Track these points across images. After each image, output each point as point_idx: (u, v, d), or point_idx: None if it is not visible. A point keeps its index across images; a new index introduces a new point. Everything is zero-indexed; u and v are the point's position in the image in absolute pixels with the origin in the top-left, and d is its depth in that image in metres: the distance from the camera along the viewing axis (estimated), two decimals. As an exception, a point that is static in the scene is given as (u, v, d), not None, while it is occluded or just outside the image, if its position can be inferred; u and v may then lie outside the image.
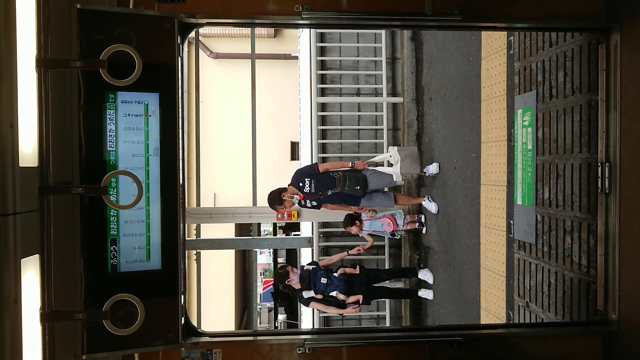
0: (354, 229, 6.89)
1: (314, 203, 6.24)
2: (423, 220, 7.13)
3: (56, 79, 2.31)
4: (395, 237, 7.44)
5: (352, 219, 6.87)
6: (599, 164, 3.16)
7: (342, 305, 6.57)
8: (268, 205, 6.27)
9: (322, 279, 6.40)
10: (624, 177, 3.05)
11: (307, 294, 6.52)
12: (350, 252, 6.97)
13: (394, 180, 6.57)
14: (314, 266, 6.63)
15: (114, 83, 2.26)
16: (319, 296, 6.47)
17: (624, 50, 3.02)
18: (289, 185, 6.17)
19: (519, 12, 3.06)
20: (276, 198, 6.08)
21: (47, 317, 2.12)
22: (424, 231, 7.06)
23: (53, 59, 2.21)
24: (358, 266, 6.65)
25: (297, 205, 6.41)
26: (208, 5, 2.93)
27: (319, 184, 6.14)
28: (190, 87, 9.94)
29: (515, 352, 3.05)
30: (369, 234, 7.13)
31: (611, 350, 3.04)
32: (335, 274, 6.49)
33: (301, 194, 6.17)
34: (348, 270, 6.57)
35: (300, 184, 6.11)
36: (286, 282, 6.49)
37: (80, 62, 2.28)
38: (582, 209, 3.72)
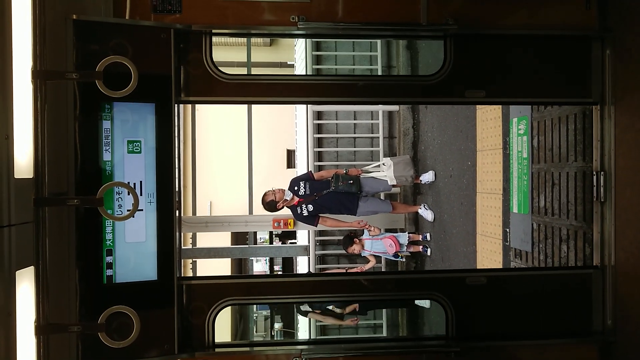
0: (355, 248, 6.81)
1: (310, 208, 6.25)
2: (428, 237, 7.03)
3: (52, 90, 2.30)
4: (399, 259, 7.33)
5: (351, 238, 6.84)
6: (594, 173, 3.17)
7: (339, 316, 6.54)
8: (262, 205, 6.40)
9: None
10: (619, 186, 3.06)
11: (304, 307, 6.51)
12: (349, 270, 6.93)
13: (389, 184, 6.58)
14: None
15: (110, 95, 2.25)
16: (317, 311, 6.45)
17: (618, 60, 3.04)
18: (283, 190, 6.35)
19: (512, 21, 3.08)
20: (269, 194, 6.37)
21: (42, 329, 2.10)
22: (428, 253, 6.98)
23: (49, 71, 2.20)
24: None
25: (292, 214, 6.43)
26: (204, 15, 2.94)
27: (314, 186, 6.28)
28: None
29: None
30: (371, 255, 7.04)
31: (608, 360, 3.04)
32: None
33: (297, 198, 6.24)
34: None
35: (296, 188, 6.29)
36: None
37: (77, 73, 2.28)
38: (577, 218, 3.73)
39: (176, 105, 2.85)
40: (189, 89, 2.92)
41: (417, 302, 7.05)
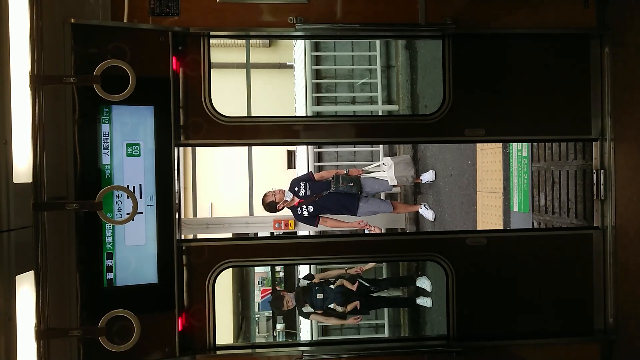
0: None
1: (311, 209, 6.23)
2: None
3: (50, 94, 2.30)
4: None
5: None
6: (594, 171, 3.17)
7: (342, 316, 6.52)
8: (262, 206, 6.37)
9: (318, 294, 6.35)
10: (619, 185, 3.05)
11: (306, 309, 6.50)
12: (348, 271, 6.93)
13: (389, 184, 6.58)
14: (308, 281, 6.59)
15: (108, 98, 2.25)
16: (319, 311, 6.43)
17: (617, 58, 3.04)
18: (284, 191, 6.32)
19: (510, 21, 3.08)
20: (269, 195, 6.31)
21: (43, 334, 2.10)
22: None
23: (47, 76, 2.20)
24: (357, 283, 6.57)
25: (293, 215, 6.43)
26: (202, 17, 2.94)
27: (314, 187, 6.27)
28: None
29: None
30: None
31: (610, 359, 3.03)
32: (331, 286, 6.44)
33: (297, 199, 6.23)
34: (346, 283, 6.52)
35: (296, 188, 6.26)
36: (284, 309, 6.51)
37: (74, 78, 2.27)
38: (578, 216, 3.73)
39: (176, 148, 2.86)
40: (188, 132, 2.94)
41: (418, 301, 7.05)
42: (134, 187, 2.71)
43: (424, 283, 7.02)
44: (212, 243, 3.04)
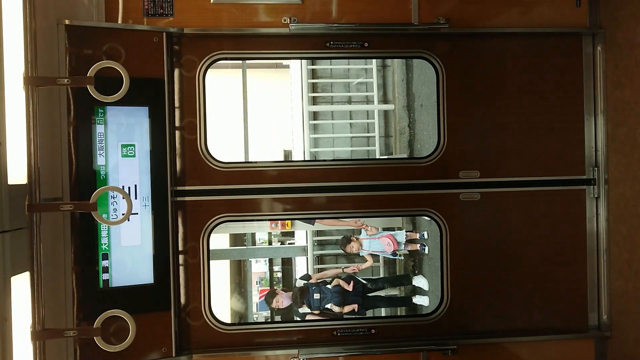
0: (354, 246, 6.81)
1: None
2: (426, 236, 7.02)
3: (44, 96, 2.31)
4: (397, 257, 7.32)
5: (348, 238, 6.85)
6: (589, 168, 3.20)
7: (338, 317, 6.53)
8: None
9: (315, 294, 6.36)
10: (612, 182, 3.07)
11: (303, 310, 6.50)
12: (345, 270, 6.94)
13: None
14: (305, 281, 6.60)
15: (101, 100, 2.25)
16: (316, 312, 6.44)
17: (609, 56, 3.06)
18: None
19: (503, 20, 3.11)
20: None
21: (38, 335, 2.11)
22: (426, 251, 6.98)
23: (40, 77, 2.20)
24: (352, 282, 6.58)
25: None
26: (196, 18, 2.95)
27: None
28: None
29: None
30: (369, 254, 7.03)
31: (604, 355, 3.06)
32: (328, 286, 6.45)
33: None
34: (342, 283, 6.53)
35: None
36: (278, 308, 6.51)
37: (68, 79, 2.28)
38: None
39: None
40: (184, 177, 2.96)
41: (415, 300, 7.06)
42: (129, 187, 2.72)
43: (420, 282, 7.04)
44: (206, 198, 3.03)
